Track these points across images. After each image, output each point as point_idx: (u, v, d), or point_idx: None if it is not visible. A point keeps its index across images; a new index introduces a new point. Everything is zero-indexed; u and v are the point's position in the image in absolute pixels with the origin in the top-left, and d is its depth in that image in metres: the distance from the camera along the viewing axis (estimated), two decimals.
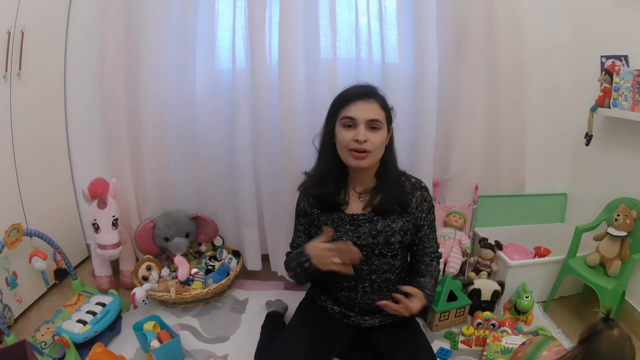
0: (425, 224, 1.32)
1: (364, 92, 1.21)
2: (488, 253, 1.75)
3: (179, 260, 1.73)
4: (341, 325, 1.34)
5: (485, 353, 1.41)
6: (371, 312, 1.33)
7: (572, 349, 1.06)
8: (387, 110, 1.24)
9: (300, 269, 1.22)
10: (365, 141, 1.16)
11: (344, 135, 1.19)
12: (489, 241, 1.77)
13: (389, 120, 1.25)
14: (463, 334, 1.55)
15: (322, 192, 1.27)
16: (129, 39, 1.70)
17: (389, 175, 1.27)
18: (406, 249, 1.34)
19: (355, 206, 1.29)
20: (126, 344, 1.50)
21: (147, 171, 1.86)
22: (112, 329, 1.53)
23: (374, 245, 1.25)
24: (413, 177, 1.33)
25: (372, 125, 1.18)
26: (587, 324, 1.03)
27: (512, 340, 1.41)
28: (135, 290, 1.59)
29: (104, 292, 1.68)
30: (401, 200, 1.26)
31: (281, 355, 1.21)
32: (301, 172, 1.38)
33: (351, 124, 1.18)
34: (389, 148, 1.28)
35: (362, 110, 1.18)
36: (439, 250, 1.39)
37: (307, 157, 1.57)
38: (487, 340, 1.44)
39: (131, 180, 1.89)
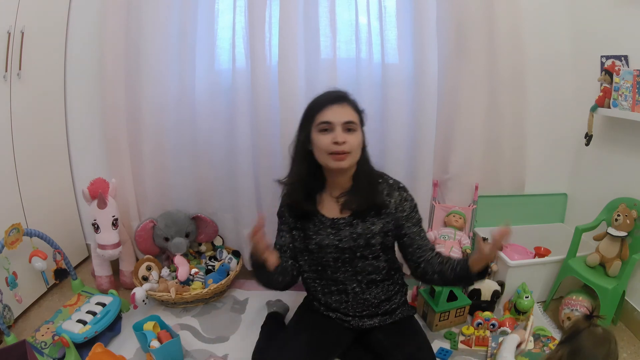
0: (411, 222, 1.29)
1: (337, 97, 1.22)
2: None
3: (179, 260, 1.73)
4: (341, 328, 1.34)
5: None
6: (369, 316, 1.33)
7: (556, 348, 1.06)
8: (359, 112, 1.25)
9: (251, 264, 1.25)
10: (344, 142, 1.17)
11: (322, 140, 1.19)
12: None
13: (362, 122, 1.26)
14: (463, 334, 1.55)
15: (292, 200, 1.29)
16: (129, 38, 1.70)
17: (364, 176, 1.27)
18: (389, 250, 1.33)
19: (334, 210, 1.29)
20: (126, 344, 1.50)
21: (147, 171, 1.86)
22: (112, 329, 1.53)
23: (355, 248, 1.26)
24: (391, 179, 1.32)
25: (348, 127, 1.19)
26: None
27: None
28: (135, 290, 1.60)
29: (104, 292, 1.68)
30: (375, 201, 1.26)
31: (280, 357, 1.21)
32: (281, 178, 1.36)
33: (328, 127, 1.19)
34: (363, 150, 1.28)
35: (338, 114, 1.19)
36: (439, 249, 1.37)
37: None
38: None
39: (131, 180, 1.89)
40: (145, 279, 1.73)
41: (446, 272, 1.23)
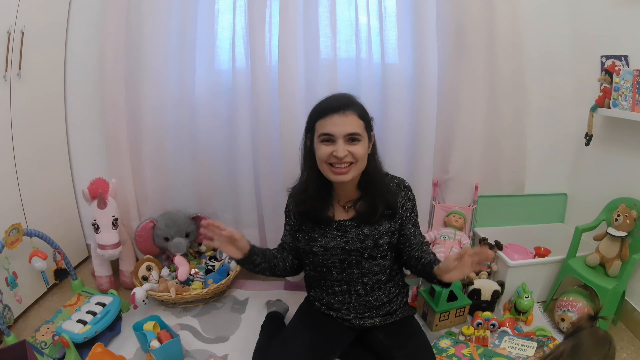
0: (409, 222, 1.29)
1: (340, 105, 1.15)
2: None
3: (179, 260, 1.73)
4: (342, 327, 1.34)
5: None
6: (371, 317, 1.33)
7: (560, 343, 1.09)
8: (366, 119, 1.20)
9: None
10: (345, 156, 1.13)
11: (322, 151, 1.15)
12: (489, 241, 1.77)
13: (369, 128, 1.22)
14: (463, 334, 1.55)
15: (306, 208, 1.27)
16: (129, 38, 1.70)
17: (373, 185, 1.23)
18: (395, 248, 1.33)
19: (339, 213, 1.28)
20: (126, 344, 1.50)
21: (147, 171, 1.86)
22: (112, 329, 1.52)
23: (363, 250, 1.24)
24: (396, 178, 1.31)
25: (351, 138, 1.14)
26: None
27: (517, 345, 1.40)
28: (135, 290, 1.60)
29: (104, 292, 1.68)
30: (390, 203, 1.24)
31: (281, 356, 1.21)
32: (299, 173, 1.35)
33: (329, 139, 1.15)
34: (372, 156, 1.24)
35: (339, 125, 1.13)
36: (439, 249, 1.38)
37: None
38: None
39: (131, 181, 1.89)
40: (145, 279, 1.73)
41: (428, 275, 1.21)
